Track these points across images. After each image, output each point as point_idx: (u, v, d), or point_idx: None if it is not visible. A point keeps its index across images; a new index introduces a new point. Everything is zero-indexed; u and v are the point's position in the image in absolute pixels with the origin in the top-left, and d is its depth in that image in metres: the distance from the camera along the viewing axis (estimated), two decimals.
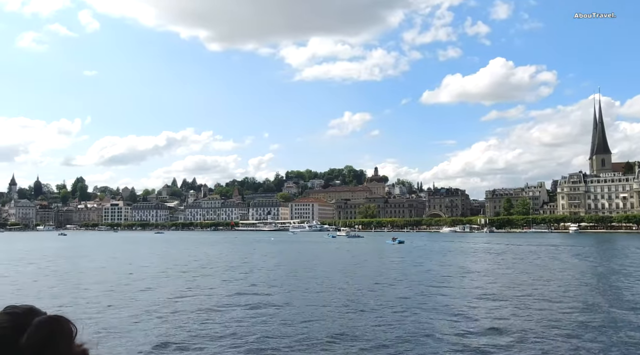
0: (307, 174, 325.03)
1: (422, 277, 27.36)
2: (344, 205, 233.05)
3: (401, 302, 18.30)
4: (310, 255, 49.57)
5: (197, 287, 23.48)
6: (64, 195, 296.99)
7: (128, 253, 54.31)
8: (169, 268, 34.31)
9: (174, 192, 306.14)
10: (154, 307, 17.53)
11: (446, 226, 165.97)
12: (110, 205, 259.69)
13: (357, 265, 34.37)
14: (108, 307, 17.66)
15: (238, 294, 20.95)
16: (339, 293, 20.98)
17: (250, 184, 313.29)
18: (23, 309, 1.39)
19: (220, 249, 61.97)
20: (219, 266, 35.62)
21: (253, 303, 18.30)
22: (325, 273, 29.73)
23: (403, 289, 22.22)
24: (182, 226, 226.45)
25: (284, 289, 22.28)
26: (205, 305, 17.89)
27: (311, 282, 24.92)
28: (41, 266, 36.39)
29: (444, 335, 13.23)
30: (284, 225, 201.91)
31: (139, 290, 22.36)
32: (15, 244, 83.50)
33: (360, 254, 47.27)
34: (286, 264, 37.24)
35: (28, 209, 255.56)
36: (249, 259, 43.59)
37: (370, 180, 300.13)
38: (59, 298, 19.90)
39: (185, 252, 54.48)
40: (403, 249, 57.50)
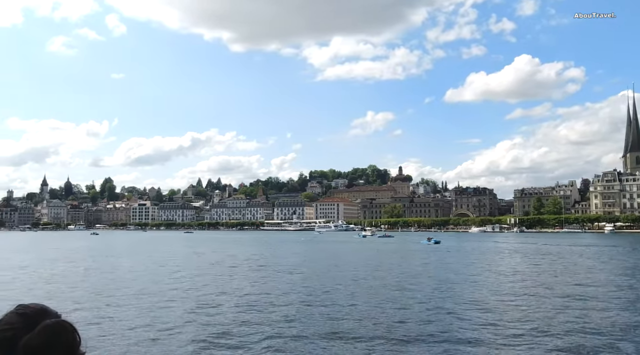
0: (330, 174, 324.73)
1: (486, 280, 26.75)
2: (369, 204, 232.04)
3: (479, 305, 17.80)
4: (352, 256, 49.14)
5: (277, 286, 23.37)
6: (93, 195, 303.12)
7: (181, 252, 54.82)
8: (238, 265, 34.48)
9: (199, 192, 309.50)
10: (241, 302, 17.47)
11: (475, 226, 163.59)
12: (138, 205, 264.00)
13: (409, 267, 33.50)
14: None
15: (313, 295, 20.72)
16: (406, 295, 20.55)
17: (274, 184, 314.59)
18: (34, 309, 1.39)
19: (260, 249, 62.09)
20: (277, 265, 35.57)
21: (330, 304, 18.06)
22: (381, 274, 29.30)
23: (475, 292, 21.66)
24: (208, 226, 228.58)
25: (349, 291, 21.95)
26: (279, 307, 17.72)
27: (371, 284, 24.52)
28: (107, 264, 36.91)
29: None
30: (310, 225, 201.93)
31: (228, 285, 22.41)
32: (56, 243, 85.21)
33: (402, 256, 46.10)
34: (335, 265, 36.79)
35: (60, 209, 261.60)
36: (299, 259, 43.25)
37: (394, 180, 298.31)
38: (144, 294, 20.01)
39: (233, 251, 54.83)
40: (441, 249, 56.60)
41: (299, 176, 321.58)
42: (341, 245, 71.96)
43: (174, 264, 37.43)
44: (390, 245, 67.39)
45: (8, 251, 59.05)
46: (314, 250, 58.04)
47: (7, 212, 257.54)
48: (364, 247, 63.72)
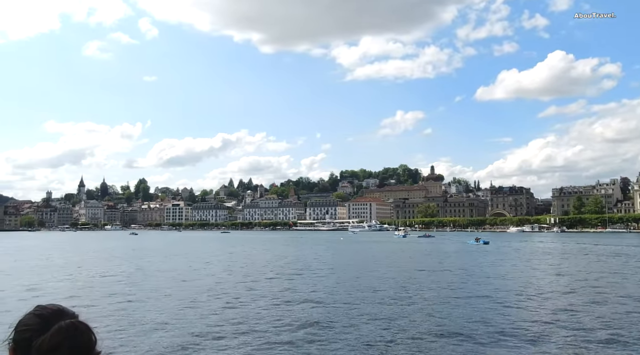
0: (361, 174, 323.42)
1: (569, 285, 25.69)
2: (402, 204, 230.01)
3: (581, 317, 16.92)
4: (400, 256, 48.34)
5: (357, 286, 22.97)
6: (128, 196, 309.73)
7: (233, 251, 55.14)
8: (304, 266, 34.28)
9: (231, 192, 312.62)
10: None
11: (512, 226, 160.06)
12: (172, 206, 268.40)
13: (472, 271, 32.42)
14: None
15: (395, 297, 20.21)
16: (486, 302, 19.81)
17: (305, 184, 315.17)
18: (51, 310, 1.40)
19: (309, 249, 61.92)
20: (344, 266, 35.17)
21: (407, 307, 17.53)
22: (447, 277, 28.55)
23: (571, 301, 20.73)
24: (241, 226, 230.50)
25: (422, 296, 21.34)
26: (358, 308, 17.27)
27: (441, 287, 23.80)
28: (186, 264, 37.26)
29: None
30: (343, 225, 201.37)
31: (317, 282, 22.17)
32: (105, 243, 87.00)
33: (457, 257, 44.81)
34: (390, 267, 36.10)
35: (97, 209, 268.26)
36: (359, 259, 42.74)
37: (426, 179, 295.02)
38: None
39: (281, 252, 54.83)
40: (493, 250, 55.18)
41: (330, 176, 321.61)
42: (384, 245, 71.07)
43: (237, 264, 37.45)
44: (437, 246, 66.15)
45: (69, 251, 60.30)
46: (362, 251, 57.42)
47: (47, 213, 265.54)
48: (412, 248, 62.65)
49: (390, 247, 65.46)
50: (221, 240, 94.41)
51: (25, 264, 37.94)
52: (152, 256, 47.19)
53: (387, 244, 72.86)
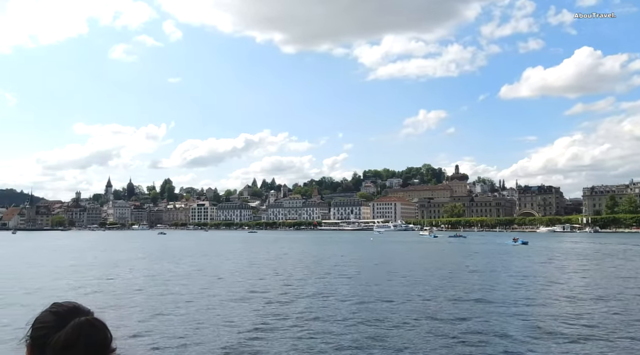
0: (384, 173, 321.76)
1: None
2: (427, 204, 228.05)
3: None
4: (445, 257, 47.72)
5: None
6: (154, 196, 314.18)
7: (269, 251, 55.30)
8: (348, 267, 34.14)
9: (254, 192, 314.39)
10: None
11: (542, 226, 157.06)
12: (197, 206, 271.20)
13: (528, 273, 31.42)
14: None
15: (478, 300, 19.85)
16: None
17: (328, 184, 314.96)
18: (66, 307, 1.41)
19: (341, 249, 61.70)
20: (388, 267, 34.87)
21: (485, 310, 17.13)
22: (506, 280, 27.97)
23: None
24: (266, 225, 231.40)
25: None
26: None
27: (504, 293, 23.27)
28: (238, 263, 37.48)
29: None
30: (368, 225, 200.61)
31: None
32: (138, 242, 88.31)
33: (506, 259, 42.71)
34: (440, 268, 35.58)
35: (124, 209, 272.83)
36: (395, 261, 42.38)
37: (450, 179, 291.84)
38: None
39: (315, 252, 54.76)
40: (536, 251, 54.00)
41: (353, 176, 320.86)
42: (418, 246, 70.33)
43: (272, 264, 37.45)
44: (474, 247, 65.12)
45: (112, 251, 61.20)
46: (400, 252, 56.93)
47: (77, 213, 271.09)
48: (450, 248, 61.85)
49: (426, 247, 64.69)
50: (249, 240, 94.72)
51: (84, 262, 38.62)
52: (203, 256, 47.41)
53: (421, 245, 72.03)
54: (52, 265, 36.70)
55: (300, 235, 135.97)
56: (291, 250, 58.65)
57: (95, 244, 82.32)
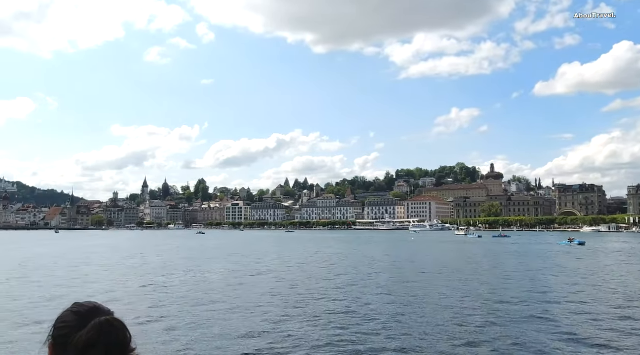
0: (417, 172, 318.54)
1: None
2: (462, 203, 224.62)
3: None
4: (500, 258, 46.54)
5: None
6: (188, 196, 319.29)
7: (322, 251, 55.29)
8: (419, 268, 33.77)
9: (287, 192, 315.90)
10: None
11: (586, 225, 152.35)
12: (232, 205, 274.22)
13: (608, 276, 30.16)
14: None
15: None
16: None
17: (360, 183, 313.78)
18: (87, 307, 1.44)
19: (388, 249, 61.18)
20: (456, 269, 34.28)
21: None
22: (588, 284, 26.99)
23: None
24: (300, 225, 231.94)
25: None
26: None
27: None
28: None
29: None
30: (403, 225, 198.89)
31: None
32: (190, 242, 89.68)
33: (574, 261, 40.76)
34: (505, 270, 34.56)
35: (160, 209, 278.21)
36: (454, 262, 41.54)
37: (486, 178, 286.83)
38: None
39: (366, 252, 54.42)
40: (599, 252, 52.17)
41: (386, 175, 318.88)
42: (463, 246, 68.99)
43: (342, 264, 37.26)
44: (527, 247, 63.49)
45: (162, 250, 62.14)
46: (449, 252, 56.00)
47: (115, 212, 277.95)
48: (501, 249, 60.36)
49: (476, 248, 63.36)
50: (300, 240, 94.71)
51: (147, 261, 39.34)
52: (258, 256, 47.67)
53: (468, 245, 70.54)
54: (123, 266, 37.43)
55: (337, 235, 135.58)
56: (343, 250, 58.37)
57: (143, 243, 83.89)
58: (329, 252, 53.61)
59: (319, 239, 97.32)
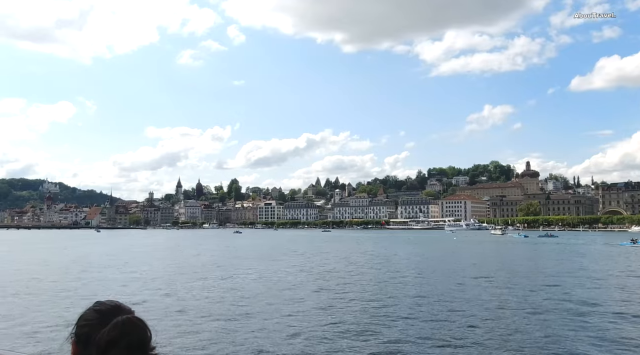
0: (450, 171, 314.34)
1: None
2: (499, 202, 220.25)
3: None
4: (568, 260, 45.02)
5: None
6: (221, 195, 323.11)
7: (378, 252, 55.00)
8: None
9: (318, 191, 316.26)
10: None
11: (634, 225, 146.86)
12: (264, 205, 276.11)
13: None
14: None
15: None
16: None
17: (392, 182, 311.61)
18: (109, 306, 1.46)
19: (441, 250, 60.35)
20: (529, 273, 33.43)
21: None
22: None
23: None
24: (332, 224, 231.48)
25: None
26: None
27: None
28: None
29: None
30: (438, 224, 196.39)
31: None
32: (232, 241, 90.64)
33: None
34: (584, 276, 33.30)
35: (195, 208, 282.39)
36: (522, 264, 40.31)
37: (522, 176, 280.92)
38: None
39: (420, 251, 53.84)
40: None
41: (417, 174, 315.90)
42: (511, 246, 67.40)
43: (397, 265, 36.84)
44: (586, 248, 61.45)
45: (221, 250, 62.76)
46: (503, 253, 54.78)
47: (151, 212, 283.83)
48: (558, 250, 58.68)
49: (527, 249, 61.74)
50: (340, 239, 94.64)
51: (209, 259, 39.79)
52: (325, 256, 47.55)
53: (519, 246, 68.72)
54: (199, 264, 37.91)
55: (373, 234, 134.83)
56: (391, 250, 57.87)
57: (189, 242, 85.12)
58: (385, 252, 53.16)
59: (362, 239, 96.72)
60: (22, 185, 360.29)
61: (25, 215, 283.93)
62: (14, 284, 23.76)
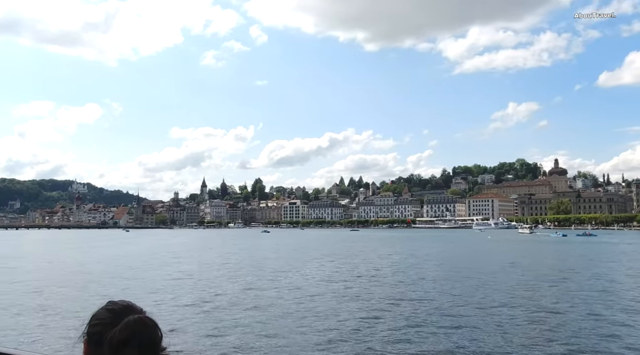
0: (475, 169, 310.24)
1: None
2: (527, 200, 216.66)
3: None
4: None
5: None
6: (246, 195, 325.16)
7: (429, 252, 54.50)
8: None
9: (342, 190, 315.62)
10: None
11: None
12: (289, 204, 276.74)
13: None
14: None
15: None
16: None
17: (416, 181, 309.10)
18: (121, 305, 1.47)
19: (471, 248, 59.49)
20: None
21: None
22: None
23: None
24: (357, 223, 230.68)
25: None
26: None
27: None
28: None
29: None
30: (465, 223, 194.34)
31: None
32: (262, 240, 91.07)
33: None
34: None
35: (220, 208, 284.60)
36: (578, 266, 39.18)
37: (550, 174, 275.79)
38: None
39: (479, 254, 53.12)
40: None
41: (442, 172, 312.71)
42: (558, 246, 65.95)
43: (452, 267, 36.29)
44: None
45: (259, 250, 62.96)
46: (554, 253, 53.61)
47: (177, 212, 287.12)
48: (610, 250, 57.17)
49: (572, 248, 60.34)
50: (373, 239, 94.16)
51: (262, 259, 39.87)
52: (367, 257, 47.30)
53: (563, 246, 67.00)
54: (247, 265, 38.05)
55: (401, 233, 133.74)
56: (433, 249, 57.25)
57: (220, 241, 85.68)
58: (429, 252, 52.61)
59: (394, 239, 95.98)
60: (52, 186, 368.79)
61: (56, 215, 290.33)
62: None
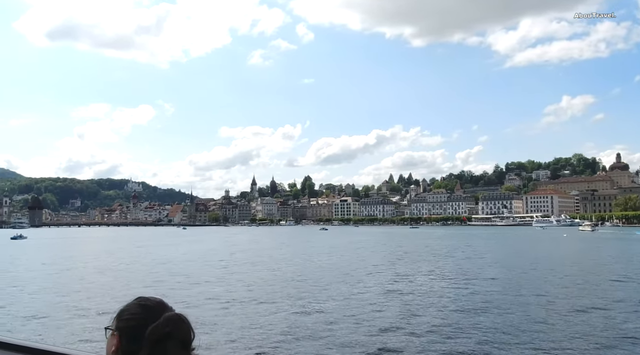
0: (529, 165, 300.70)
1: None
2: (590, 197, 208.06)
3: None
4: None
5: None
6: (295, 192, 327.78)
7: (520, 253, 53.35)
8: None
9: (392, 187, 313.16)
10: None
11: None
12: (340, 201, 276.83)
13: None
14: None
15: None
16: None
17: (467, 178, 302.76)
18: (154, 302, 1.49)
19: (564, 247, 57.45)
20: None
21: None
22: None
23: None
24: (410, 221, 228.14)
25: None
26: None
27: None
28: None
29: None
30: (524, 220, 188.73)
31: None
32: (344, 238, 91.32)
33: None
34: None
35: (271, 205, 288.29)
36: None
37: (610, 169, 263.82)
38: None
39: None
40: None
41: (495, 168, 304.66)
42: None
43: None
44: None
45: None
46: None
47: (229, 209, 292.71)
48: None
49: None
50: (442, 237, 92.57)
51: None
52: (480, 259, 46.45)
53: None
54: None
55: (462, 231, 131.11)
56: (534, 250, 55.64)
57: (286, 239, 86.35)
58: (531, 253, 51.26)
59: (470, 236, 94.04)
60: (109, 185, 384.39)
61: (114, 213, 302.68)
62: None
